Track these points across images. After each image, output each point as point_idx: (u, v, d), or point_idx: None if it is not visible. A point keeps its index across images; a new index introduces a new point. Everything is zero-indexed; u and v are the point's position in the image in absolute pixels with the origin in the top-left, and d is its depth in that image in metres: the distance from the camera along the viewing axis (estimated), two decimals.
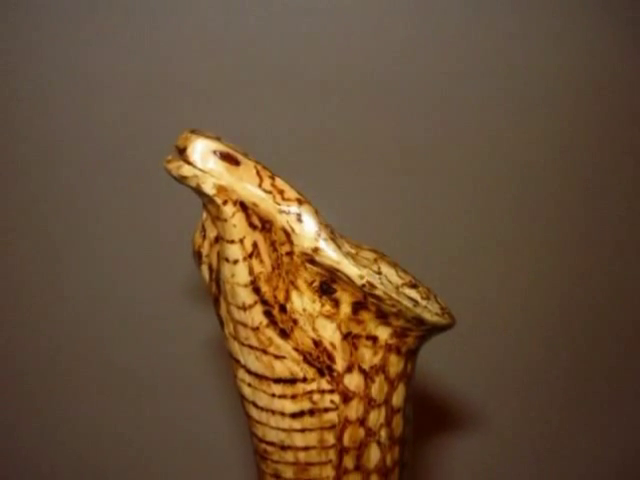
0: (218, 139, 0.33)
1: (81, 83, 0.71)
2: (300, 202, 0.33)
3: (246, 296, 0.33)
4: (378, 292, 0.33)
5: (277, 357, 0.34)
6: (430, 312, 0.34)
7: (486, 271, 0.79)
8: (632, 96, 0.77)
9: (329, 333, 0.34)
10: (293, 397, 0.34)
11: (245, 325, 0.34)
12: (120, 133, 0.72)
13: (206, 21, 0.71)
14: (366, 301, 0.33)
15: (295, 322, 0.34)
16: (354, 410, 0.34)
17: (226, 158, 0.32)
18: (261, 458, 0.36)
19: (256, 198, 0.32)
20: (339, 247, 0.33)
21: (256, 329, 0.34)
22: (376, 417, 0.35)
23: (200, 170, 0.32)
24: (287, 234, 0.33)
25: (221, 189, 0.32)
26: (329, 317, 0.34)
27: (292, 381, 0.34)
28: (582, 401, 0.82)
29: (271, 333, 0.34)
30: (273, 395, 0.34)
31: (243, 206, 0.33)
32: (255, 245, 0.33)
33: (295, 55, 0.72)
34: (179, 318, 0.75)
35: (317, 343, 0.34)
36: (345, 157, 0.75)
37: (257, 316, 0.34)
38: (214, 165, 0.32)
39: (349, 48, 0.73)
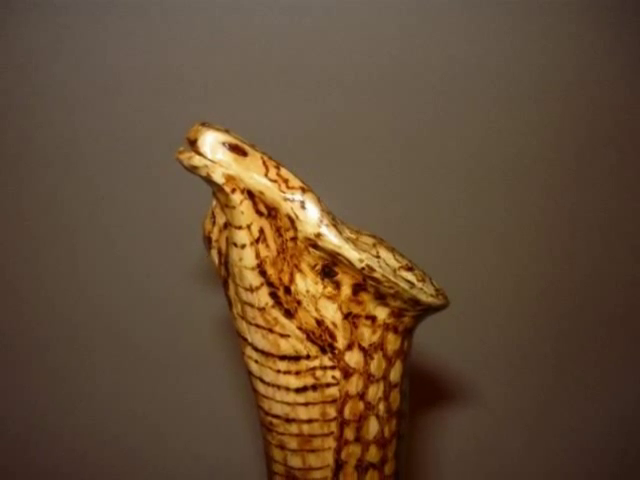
0: (227, 131, 0.33)
1: (99, 80, 0.70)
2: (304, 190, 0.33)
3: (253, 278, 0.33)
4: (377, 275, 0.33)
5: (282, 335, 0.34)
6: (425, 293, 0.34)
7: (479, 255, 0.79)
8: (616, 91, 0.77)
9: (331, 313, 0.34)
10: (297, 373, 0.34)
11: (252, 306, 0.34)
12: (135, 126, 0.72)
13: (213, 22, 0.71)
14: (365, 283, 0.33)
15: (299, 303, 0.34)
16: (354, 385, 0.35)
17: (234, 149, 0.32)
18: (267, 430, 0.36)
19: (262, 187, 0.32)
20: (340, 233, 0.33)
21: (262, 309, 0.34)
22: (375, 392, 0.35)
23: (210, 160, 0.32)
24: (291, 220, 0.33)
25: (229, 178, 0.32)
26: (331, 298, 0.34)
27: (296, 358, 0.34)
28: (568, 376, 0.82)
29: (276, 313, 0.34)
30: (278, 371, 0.34)
31: (250, 194, 0.33)
32: (261, 231, 0.33)
33: (297, 53, 0.72)
34: (190, 299, 0.75)
35: (320, 322, 0.34)
36: (345, 149, 0.75)
37: (263, 297, 0.34)
38: (223, 156, 0.32)
39: (351, 43, 0.73)
